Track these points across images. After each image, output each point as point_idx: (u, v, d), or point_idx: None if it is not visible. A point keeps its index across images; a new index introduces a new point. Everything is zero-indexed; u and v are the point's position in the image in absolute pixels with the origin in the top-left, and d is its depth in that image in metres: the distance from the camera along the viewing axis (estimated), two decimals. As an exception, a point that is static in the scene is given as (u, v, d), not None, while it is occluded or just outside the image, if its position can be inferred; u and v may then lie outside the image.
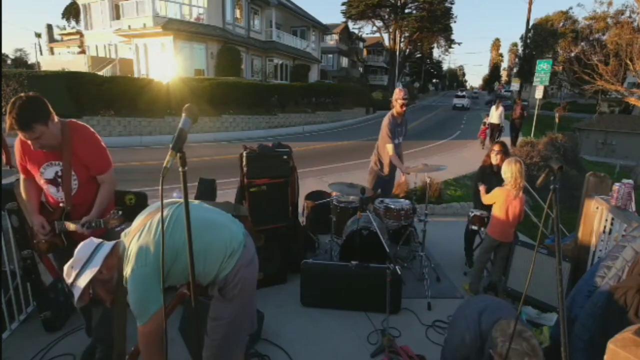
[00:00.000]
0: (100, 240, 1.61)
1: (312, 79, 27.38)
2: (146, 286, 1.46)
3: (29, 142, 1.90)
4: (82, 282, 1.48)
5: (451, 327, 1.97)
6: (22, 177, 2.16)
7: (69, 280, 1.52)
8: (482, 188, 3.52)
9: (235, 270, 1.62)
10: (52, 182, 2.08)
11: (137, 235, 1.52)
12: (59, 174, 2.05)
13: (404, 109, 4.16)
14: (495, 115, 12.19)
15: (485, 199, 3.40)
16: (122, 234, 1.62)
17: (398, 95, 4.13)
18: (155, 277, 1.44)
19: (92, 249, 1.55)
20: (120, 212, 2.06)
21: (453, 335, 1.87)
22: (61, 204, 2.10)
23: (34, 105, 1.85)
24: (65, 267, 1.54)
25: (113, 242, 1.60)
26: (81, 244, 1.58)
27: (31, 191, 2.15)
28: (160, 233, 1.47)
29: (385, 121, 4.17)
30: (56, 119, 1.96)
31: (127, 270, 1.48)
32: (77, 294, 1.49)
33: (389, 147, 4.12)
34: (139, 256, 1.46)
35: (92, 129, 2.16)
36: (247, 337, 1.90)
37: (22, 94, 1.85)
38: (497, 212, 3.23)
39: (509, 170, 3.10)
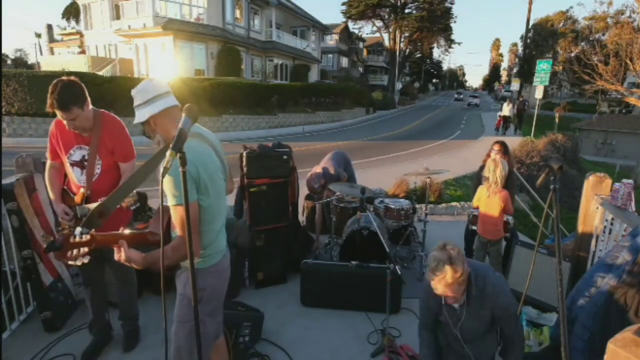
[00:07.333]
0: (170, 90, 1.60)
1: (312, 79, 27.37)
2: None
3: (65, 122, 2.04)
4: (143, 115, 1.51)
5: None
6: (49, 162, 2.27)
7: (137, 103, 1.52)
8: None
9: (209, 271, 1.60)
10: (78, 164, 2.19)
11: (195, 138, 1.51)
12: (86, 157, 2.17)
13: None
14: (506, 109, 17.10)
15: (474, 201, 3.45)
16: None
17: None
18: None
19: (167, 89, 1.55)
20: (134, 190, 2.07)
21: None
22: (82, 189, 2.19)
23: (73, 89, 2.02)
24: (142, 85, 1.53)
25: (177, 103, 1.58)
26: (155, 79, 1.60)
27: (56, 177, 2.27)
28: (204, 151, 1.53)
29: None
30: (90, 105, 2.13)
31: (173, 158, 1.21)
32: (140, 118, 1.51)
33: None
34: (192, 149, 1.40)
35: (121, 121, 2.31)
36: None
37: (64, 77, 2.02)
38: (480, 209, 3.34)
39: (487, 171, 3.25)
